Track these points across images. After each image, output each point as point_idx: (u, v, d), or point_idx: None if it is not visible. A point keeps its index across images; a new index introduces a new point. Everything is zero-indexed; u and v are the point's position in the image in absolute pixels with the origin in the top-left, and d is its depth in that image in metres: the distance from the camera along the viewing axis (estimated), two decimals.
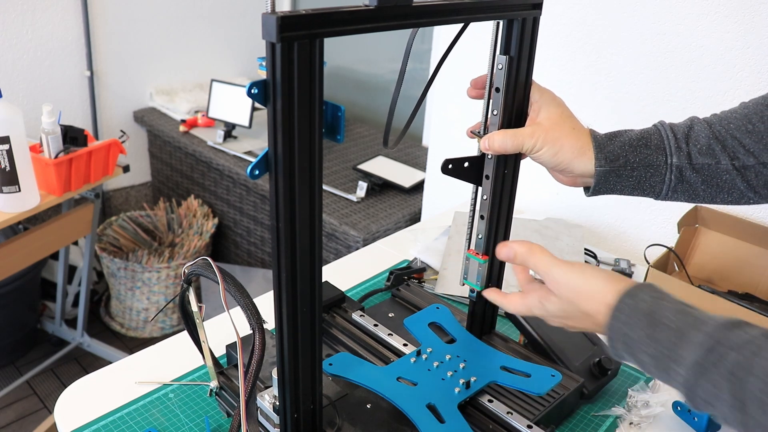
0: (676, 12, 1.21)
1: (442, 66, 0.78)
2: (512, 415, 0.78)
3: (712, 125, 0.76)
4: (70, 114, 2.51)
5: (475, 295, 0.89)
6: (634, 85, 1.31)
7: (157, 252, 2.54)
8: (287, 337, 0.63)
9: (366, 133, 2.66)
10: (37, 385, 2.22)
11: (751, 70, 1.15)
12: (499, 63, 0.74)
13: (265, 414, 0.73)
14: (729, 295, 1.11)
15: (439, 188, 1.81)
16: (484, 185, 0.82)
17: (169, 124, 2.61)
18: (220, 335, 0.91)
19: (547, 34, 1.34)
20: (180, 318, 0.83)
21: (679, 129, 0.77)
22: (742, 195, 0.76)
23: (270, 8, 0.52)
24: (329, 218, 1.95)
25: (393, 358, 0.86)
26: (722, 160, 0.75)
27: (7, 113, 1.44)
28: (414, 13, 0.61)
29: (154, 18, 2.66)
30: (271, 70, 0.53)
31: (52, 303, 2.39)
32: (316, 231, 0.61)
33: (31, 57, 2.35)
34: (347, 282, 1.16)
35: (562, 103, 0.78)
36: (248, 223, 2.40)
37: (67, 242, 2.00)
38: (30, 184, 1.54)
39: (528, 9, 0.72)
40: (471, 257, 0.85)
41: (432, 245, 1.29)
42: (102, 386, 0.89)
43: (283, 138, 0.55)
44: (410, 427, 0.75)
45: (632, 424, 0.85)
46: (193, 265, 0.73)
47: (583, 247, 1.28)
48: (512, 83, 0.75)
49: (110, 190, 2.76)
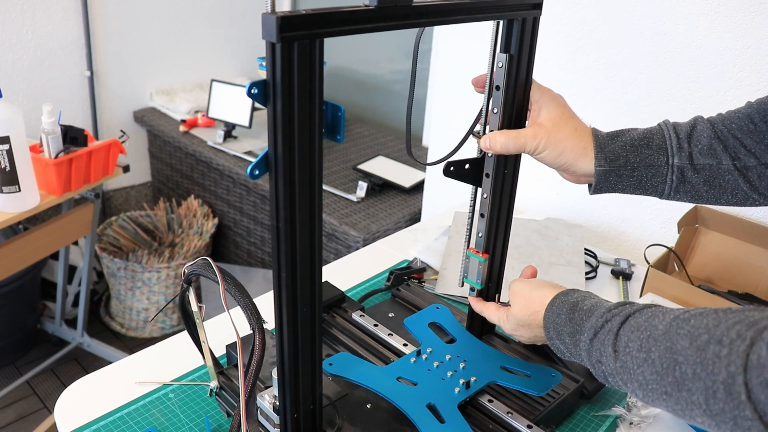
0: (676, 12, 1.21)
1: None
2: (512, 415, 0.78)
3: (714, 125, 0.76)
4: (70, 114, 2.51)
5: (475, 294, 0.89)
6: (634, 85, 1.31)
7: (157, 252, 2.54)
8: (287, 337, 0.63)
9: (366, 133, 2.66)
10: (37, 385, 2.22)
11: (752, 70, 1.15)
12: (500, 61, 0.74)
13: (265, 414, 0.73)
14: (729, 295, 1.11)
15: (439, 188, 1.81)
16: (485, 184, 0.82)
17: (169, 124, 2.61)
18: (220, 335, 0.91)
19: (547, 34, 1.34)
20: (180, 318, 0.83)
21: (682, 129, 0.76)
22: (747, 196, 0.76)
23: (270, 8, 0.52)
24: (329, 218, 1.95)
25: (393, 358, 0.86)
26: (723, 160, 0.74)
27: (7, 113, 1.44)
28: (414, 13, 0.61)
29: (154, 18, 2.66)
30: (271, 70, 0.53)
31: (52, 303, 2.39)
32: (316, 231, 0.61)
33: (31, 57, 2.35)
34: (347, 282, 1.16)
35: (563, 102, 0.78)
36: (248, 223, 2.40)
37: (67, 242, 2.00)
38: (30, 184, 1.54)
39: (528, 9, 0.72)
40: (471, 255, 0.85)
41: (432, 245, 1.29)
42: (102, 386, 0.89)
43: (283, 138, 0.55)
44: (410, 427, 0.75)
45: (632, 424, 0.85)
46: (193, 265, 0.73)
47: (583, 247, 1.28)
48: (512, 82, 0.75)
49: (110, 190, 2.76)
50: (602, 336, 0.63)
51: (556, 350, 0.72)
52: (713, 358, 0.49)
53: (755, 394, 0.46)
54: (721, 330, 0.50)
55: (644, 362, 0.56)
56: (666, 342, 0.54)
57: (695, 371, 0.50)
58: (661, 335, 0.55)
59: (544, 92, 0.77)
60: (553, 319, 0.71)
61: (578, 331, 0.66)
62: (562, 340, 0.70)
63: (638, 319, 0.60)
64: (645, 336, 0.57)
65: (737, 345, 0.48)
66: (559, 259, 1.24)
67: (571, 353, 0.69)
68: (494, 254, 0.87)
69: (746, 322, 0.49)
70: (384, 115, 2.82)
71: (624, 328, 0.60)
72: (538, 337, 0.78)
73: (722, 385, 0.48)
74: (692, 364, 0.51)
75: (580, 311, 0.68)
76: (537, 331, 0.76)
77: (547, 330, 0.72)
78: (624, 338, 0.59)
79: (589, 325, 0.65)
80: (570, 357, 0.70)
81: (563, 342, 0.70)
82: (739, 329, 0.49)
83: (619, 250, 1.43)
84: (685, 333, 0.53)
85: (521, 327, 0.78)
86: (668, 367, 0.53)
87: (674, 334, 0.54)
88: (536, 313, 0.75)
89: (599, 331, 0.63)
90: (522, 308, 0.78)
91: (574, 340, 0.67)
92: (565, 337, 0.69)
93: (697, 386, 0.50)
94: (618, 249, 1.43)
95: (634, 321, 0.60)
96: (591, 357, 0.64)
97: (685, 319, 0.54)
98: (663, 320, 0.57)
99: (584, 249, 1.29)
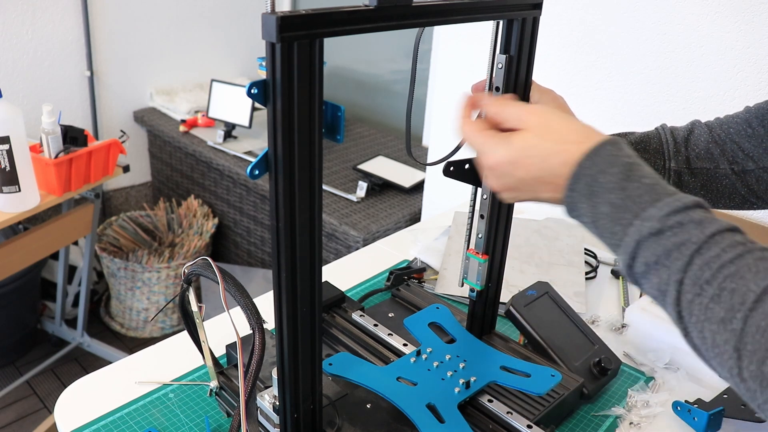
0: (676, 12, 1.21)
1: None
2: (512, 415, 0.78)
3: (712, 129, 0.76)
4: (70, 114, 2.51)
5: (475, 295, 0.89)
6: (634, 85, 1.31)
7: (157, 252, 2.54)
8: (287, 337, 0.63)
9: (366, 133, 2.66)
10: (37, 385, 2.22)
11: (752, 70, 1.15)
12: (499, 62, 0.74)
13: (265, 414, 0.73)
14: None
15: (439, 188, 1.81)
16: (484, 184, 0.82)
17: (169, 124, 2.61)
18: (220, 335, 0.91)
19: (547, 34, 1.34)
20: (180, 318, 0.83)
21: (679, 133, 0.76)
22: (745, 200, 0.76)
23: (270, 8, 0.52)
24: (329, 218, 1.95)
25: (393, 358, 0.86)
26: (721, 164, 0.74)
27: (7, 113, 1.44)
28: (414, 13, 0.61)
29: (154, 18, 2.66)
30: (271, 70, 0.53)
31: (52, 303, 2.39)
32: (316, 231, 0.61)
33: (31, 57, 2.35)
34: (347, 282, 1.16)
35: (563, 103, 0.77)
36: (248, 223, 2.40)
37: (67, 242, 2.00)
38: (30, 184, 1.54)
39: (528, 9, 0.72)
40: (471, 257, 0.85)
41: (432, 245, 1.29)
42: (102, 386, 0.89)
43: (283, 138, 0.55)
44: (410, 427, 0.75)
45: (632, 424, 0.85)
46: (193, 265, 0.73)
47: (583, 247, 1.29)
48: (512, 82, 0.75)
49: (110, 190, 2.76)
50: (668, 243, 0.47)
51: (569, 208, 0.55)
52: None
53: None
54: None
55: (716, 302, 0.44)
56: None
57: None
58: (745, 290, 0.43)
59: (544, 93, 0.77)
60: (592, 173, 0.53)
61: (630, 210, 0.50)
62: (592, 203, 0.53)
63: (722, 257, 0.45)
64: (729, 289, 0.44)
65: None
66: (559, 259, 1.24)
67: (597, 224, 0.53)
68: (494, 255, 0.87)
69: None
70: (384, 115, 2.82)
71: (704, 257, 0.45)
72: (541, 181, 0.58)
73: None
74: None
75: (640, 185, 0.51)
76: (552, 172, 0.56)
77: (576, 180, 0.54)
78: (700, 272, 0.45)
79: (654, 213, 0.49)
80: (588, 224, 0.54)
81: (593, 206, 0.52)
82: None
83: None
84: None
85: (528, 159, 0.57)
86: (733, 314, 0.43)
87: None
88: (570, 145, 0.55)
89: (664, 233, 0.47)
90: (545, 135, 0.57)
91: (617, 214, 0.51)
92: (603, 205, 0.52)
93: None
94: None
95: (727, 256, 0.45)
96: (636, 254, 0.49)
97: None
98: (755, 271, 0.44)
99: (584, 249, 1.29)
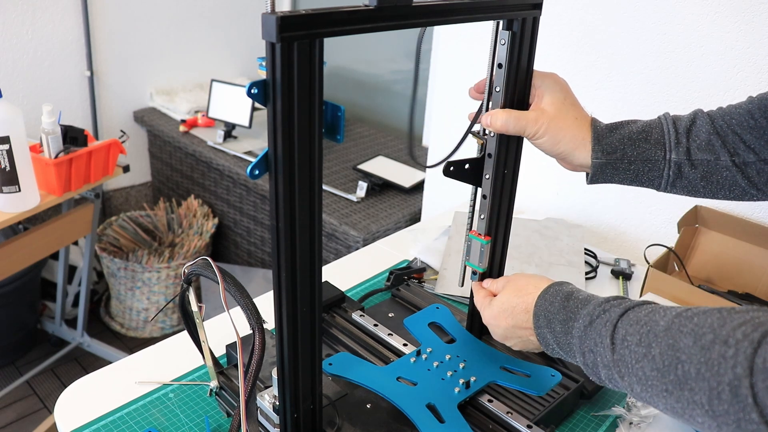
0: (676, 12, 1.21)
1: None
2: (512, 415, 0.78)
3: (714, 120, 0.76)
4: (70, 114, 2.50)
5: (477, 277, 0.87)
6: (634, 85, 1.31)
7: (157, 252, 2.54)
8: (287, 337, 0.63)
9: (366, 133, 2.66)
10: (37, 385, 2.22)
11: (752, 70, 1.15)
12: (502, 38, 0.73)
13: (265, 414, 0.73)
14: (729, 295, 1.11)
15: (439, 188, 1.81)
16: (484, 184, 0.82)
17: (169, 124, 2.61)
18: (220, 335, 0.91)
19: (547, 34, 1.34)
20: (180, 318, 0.82)
21: (681, 123, 0.76)
22: (745, 192, 0.76)
23: (270, 8, 0.52)
24: (329, 218, 1.95)
25: (393, 358, 0.86)
26: (722, 156, 0.74)
27: (7, 113, 1.44)
28: (414, 13, 0.61)
29: (154, 18, 2.66)
30: (271, 70, 0.53)
31: (52, 303, 2.39)
32: (316, 231, 0.61)
33: (31, 57, 2.35)
34: (347, 282, 1.16)
35: (566, 87, 0.77)
36: (248, 223, 2.40)
37: (67, 242, 2.00)
38: (30, 184, 1.54)
39: (528, 9, 0.72)
40: (473, 238, 0.84)
41: (432, 245, 1.29)
42: (102, 386, 0.89)
43: (283, 138, 0.55)
44: (410, 427, 0.75)
45: (632, 424, 0.85)
46: (193, 265, 0.73)
47: (583, 247, 1.28)
48: (512, 83, 0.75)
49: (110, 190, 2.76)
50: (599, 325, 0.61)
51: (541, 340, 0.70)
52: (718, 358, 0.48)
53: (761, 398, 0.45)
54: (726, 330, 0.49)
55: (644, 357, 0.55)
56: (668, 339, 0.53)
57: (699, 371, 0.49)
58: (663, 331, 0.54)
59: (546, 77, 0.76)
60: (545, 307, 0.70)
61: (572, 319, 0.65)
62: (551, 329, 0.68)
63: (638, 313, 0.58)
64: (645, 331, 0.56)
65: (744, 346, 0.47)
66: (559, 259, 1.24)
67: (559, 343, 0.67)
68: (497, 237, 0.86)
69: (752, 323, 0.48)
70: (384, 115, 2.82)
71: (623, 320, 0.59)
72: (516, 327, 0.74)
73: (728, 386, 0.47)
74: (696, 364, 0.50)
75: (576, 300, 0.67)
76: (520, 319, 0.73)
77: (536, 317, 0.70)
78: (622, 330, 0.58)
79: (585, 313, 0.64)
80: (555, 349, 0.68)
81: (552, 330, 0.68)
82: (745, 330, 0.48)
83: (619, 250, 1.43)
84: (688, 331, 0.52)
85: (503, 314, 0.75)
86: (670, 365, 0.52)
87: (677, 332, 0.53)
88: (527, 296, 0.73)
89: (596, 319, 0.62)
90: (512, 293, 0.75)
91: (565, 327, 0.66)
92: (556, 324, 0.67)
93: (701, 386, 0.49)
94: (618, 249, 1.43)
95: (633, 314, 0.59)
96: (583, 345, 0.63)
97: (687, 317, 0.53)
98: (664, 316, 0.55)
99: (584, 249, 1.29)
